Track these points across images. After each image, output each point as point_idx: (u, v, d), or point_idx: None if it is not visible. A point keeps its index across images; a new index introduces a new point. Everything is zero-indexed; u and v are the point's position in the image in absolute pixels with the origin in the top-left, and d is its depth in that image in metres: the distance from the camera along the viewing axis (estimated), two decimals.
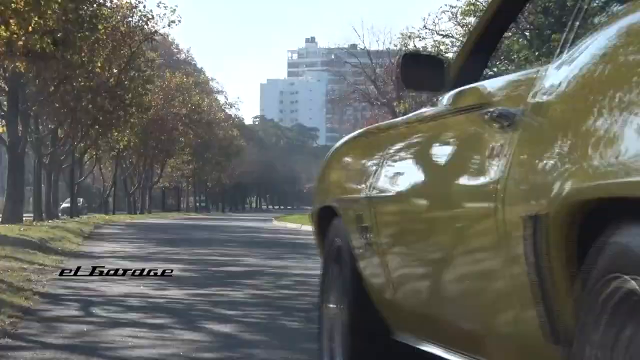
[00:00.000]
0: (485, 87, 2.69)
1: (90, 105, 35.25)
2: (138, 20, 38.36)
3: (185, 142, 64.95)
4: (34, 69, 26.74)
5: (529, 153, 2.13)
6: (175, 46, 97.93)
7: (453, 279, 2.66)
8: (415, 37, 42.95)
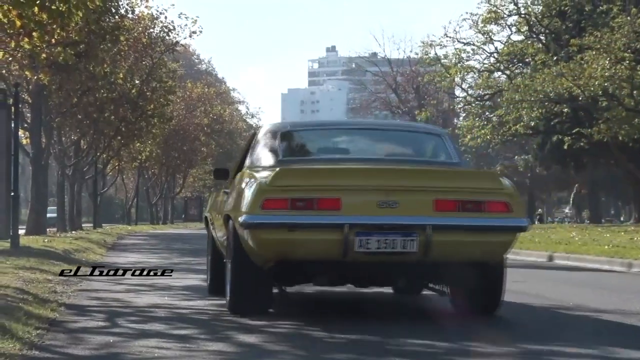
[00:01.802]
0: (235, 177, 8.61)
1: (113, 116, 35.42)
2: (160, 32, 38.54)
3: (207, 152, 65.09)
4: (57, 80, 26.92)
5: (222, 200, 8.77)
6: (196, 57, 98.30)
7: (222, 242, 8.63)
8: (436, 45, 42.85)
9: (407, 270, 7.30)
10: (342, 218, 6.86)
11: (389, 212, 6.89)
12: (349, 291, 9.61)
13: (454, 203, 7.01)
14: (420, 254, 6.93)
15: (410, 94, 76.76)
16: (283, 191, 6.96)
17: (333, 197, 6.91)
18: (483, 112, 40.97)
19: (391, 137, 8.64)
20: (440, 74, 43.74)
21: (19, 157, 17.48)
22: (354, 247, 6.86)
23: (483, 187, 7.18)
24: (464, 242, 7.03)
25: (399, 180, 7.10)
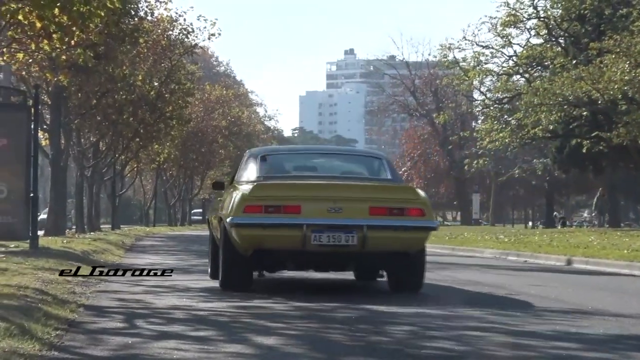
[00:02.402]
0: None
1: (132, 118, 35.54)
2: (178, 34, 38.63)
3: (225, 154, 65.20)
4: (77, 82, 27.04)
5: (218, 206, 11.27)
6: (215, 59, 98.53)
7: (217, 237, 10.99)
8: (454, 48, 42.74)
9: (350, 259, 9.92)
10: (301, 219, 9.51)
11: (336, 215, 9.55)
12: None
13: (384, 209, 9.62)
14: (359, 247, 9.52)
15: (428, 96, 76.68)
16: (259, 200, 9.62)
17: (295, 204, 9.57)
18: (501, 115, 40.84)
19: (342, 159, 11.70)
20: (458, 76, 43.64)
21: (38, 159, 17.55)
22: (310, 241, 9.47)
23: (405, 198, 9.83)
24: (391, 237, 9.68)
25: (343, 192, 9.79)
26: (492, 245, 24.49)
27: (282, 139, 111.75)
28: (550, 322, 8.07)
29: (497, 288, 11.60)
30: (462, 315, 8.48)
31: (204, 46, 46.71)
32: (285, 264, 10.41)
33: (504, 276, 14.38)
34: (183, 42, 38.85)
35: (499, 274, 14.86)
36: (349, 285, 11.69)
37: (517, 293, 10.93)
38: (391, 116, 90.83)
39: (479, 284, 12.36)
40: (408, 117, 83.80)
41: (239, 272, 10.17)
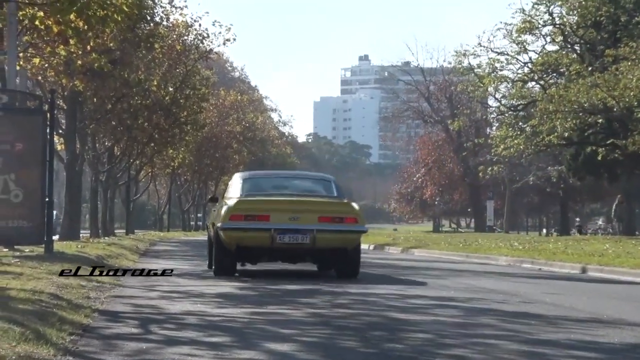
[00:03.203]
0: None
1: (146, 123, 35.67)
2: (194, 39, 38.78)
3: (239, 160, 65.32)
4: (92, 87, 27.16)
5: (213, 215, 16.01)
6: (229, 64, 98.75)
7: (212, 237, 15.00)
8: (469, 55, 42.67)
9: (305, 253, 13.89)
10: (270, 225, 13.42)
11: (295, 222, 13.44)
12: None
13: (329, 218, 13.56)
14: (311, 244, 13.47)
15: (442, 103, 76.58)
16: (240, 211, 13.58)
17: (265, 214, 13.51)
18: (516, 122, 40.76)
19: (303, 181, 15.86)
20: (473, 83, 43.58)
21: (53, 163, 17.61)
22: (277, 240, 13.38)
23: (344, 210, 13.85)
24: (334, 237, 13.59)
25: (300, 206, 13.75)
26: (507, 253, 24.42)
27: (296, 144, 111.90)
28: (565, 330, 8.03)
29: (511, 296, 11.56)
30: (476, 323, 8.46)
31: (219, 51, 46.81)
32: (260, 257, 14.43)
33: (518, 284, 14.33)
34: (198, 47, 38.98)
35: (513, 282, 14.81)
36: (364, 293, 11.68)
37: (532, 301, 10.89)
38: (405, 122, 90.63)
39: (493, 291, 12.32)
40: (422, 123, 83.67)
41: (226, 263, 14.10)
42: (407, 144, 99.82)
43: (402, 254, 29.44)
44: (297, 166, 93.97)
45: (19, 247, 16.82)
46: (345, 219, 13.65)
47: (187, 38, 38.51)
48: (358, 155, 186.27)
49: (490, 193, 67.91)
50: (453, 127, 57.51)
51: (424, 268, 18.74)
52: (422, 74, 78.77)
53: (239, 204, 13.75)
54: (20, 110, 16.52)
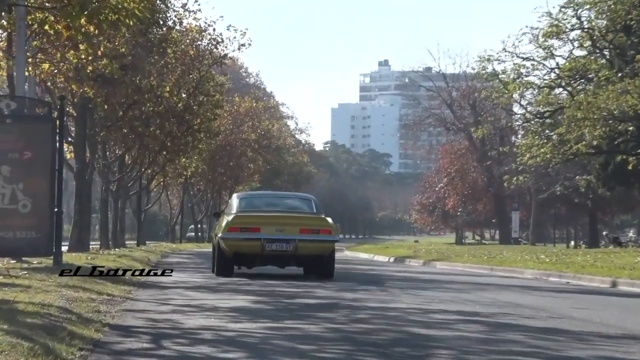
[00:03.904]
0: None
1: (159, 130, 35.78)
2: (207, 44, 38.86)
3: (254, 169, 65.40)
4: (103, 93, 27.27)
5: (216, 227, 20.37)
6: (244, 70, 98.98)
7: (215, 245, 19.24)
8: (494, 60, 42.58)
9: (289, 258, 17.47)
10: (260, 235, 17.08)
11: (280, 233, 17.07)
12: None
13: (308, 230, 17.13)
14: (293, 251, 17.07)
15: (466, 110, 76.49)
16: (237, 224, 17.27)
17: (257, 227, 17.20)
18: (543, 130, 40.63)
19: (289, 200, 20.11)
20: (498, 89, 43.50)
21: (63, 172, 17.68)
22: (266, 248, 17.02)
23: (320, 223, 17.40)
24: (312, 246, 17.17)
25: (285, 220, 17.47)
26: (533, 266, 24.34)
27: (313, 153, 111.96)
28: (594, 347, 7.98)
29: (538, 311, 11.51)
30: (502, 339, 8.42)
31: (234, 57, 46.97)
32: (253, 262, 18.17)
33: (546, 298, 14.27)
34: (212, 52, 39.07)
35: (540, 296, 14.74)
36: (385, 308, 11.65)
37: (560, 316, 10.83)
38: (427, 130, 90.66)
39: (519, 306, 12.27)
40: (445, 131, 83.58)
41: (226, 266, 17.88)
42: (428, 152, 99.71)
43: (424, 266, 29.38)
44: (314, 176, 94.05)
45: (27, 258, 16.89)
46: (321, 231, 17.52)
47: (200, 43, 38.62)
48: (377, 164, 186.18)
49: (515, 204, 67.72)
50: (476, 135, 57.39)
51: (446, 282, 18.69)
52: (445, 80, 78.71)
53: (235, 219, 17.67)
54: (29, 117, 16.61)
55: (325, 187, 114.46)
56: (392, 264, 31.51)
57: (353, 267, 27.22)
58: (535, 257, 28.92)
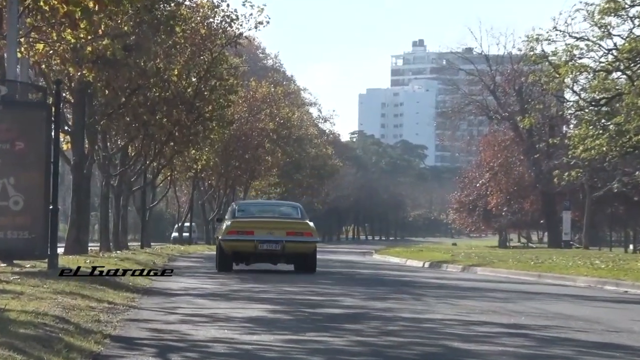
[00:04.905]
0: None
1: (165, 119, 35.87)
2: (220, 22, 38.95)
3: (272, 162, 65.49)
4: (103, 77, 27.38)
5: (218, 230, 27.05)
6: (261, 51, 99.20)
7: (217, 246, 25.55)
8: (543, 40, 42.39)
9: (278, 257, 23.15)
10: (254, 237, 22.79)
11: (271, 235, 22.81)
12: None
13: (293, 232, 22.94)
14: (281, 251, 22.80)
15: (511, 96, 76.23)
16: (235, 228, 23.11)
17: (251, 230, 22.96)
18: (598, 119, 40.44)
19: (279, 207, 26.59)
20: (547, 73, 43.31)
21: (58, 165, 17.78)
22: (258, 248, 22.70)
23: (303, 227, 23.20)
24: (296, 246, 22.91)
25: (274, 224, 23.26)
26: (586, 272, 24.28)
27: (338, 144, 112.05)
28: None
29: (592, 323, 11.48)
30: (551, 354, 8.41)
31: (250, 36, 47.02)
32: (248, 259, 23.62)
33: (601, 309, 14.23)
34: (226, 31, 39.16)
35: (595, 307, 14.70)
36: (419, 319, 11.65)
37: (617, 329, 10.80)
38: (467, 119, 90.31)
39: (571, 318, 12.25)
40: (487, 120, 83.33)
41: (225, 263, 23.30)
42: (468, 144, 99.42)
43: (463, 273, 29.36)
44: (339, 170, 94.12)
45: (19, 261, 17.00)
46: (304, 233, 23.14)
47: (213, 20, 38.73)
48: (411, 156, 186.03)
49: (566, 202, 67.43)
50: (523, 124, 57.14)
51: (488, 290, 18.67)
52: (487, 63, 78.48)
53: (233, 224, 23.29)
54: (21, 104, 16.71)
55: (351, 182, 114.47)
56: (427, 270, 31.51)
57: (383, 272, 27.24)
58: (589, 263, 28.82)
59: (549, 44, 42.73)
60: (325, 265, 32.08)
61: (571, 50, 40.73)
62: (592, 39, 40.64)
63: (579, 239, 75.78)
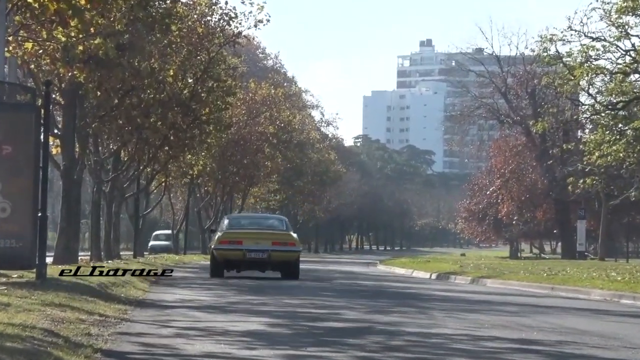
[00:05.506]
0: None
1: (160, 122, 35.88)
2: (218, 20, 38.98)
3: (272, 168, 65.52)
4: (95, 78, 27.42)
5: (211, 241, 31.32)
6: (261, 50, 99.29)
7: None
8: (557, 40, 42.45)
9: (265, 264, 26.99)
10: (242, 247, 26.58)
11: (258, 245, 26.63)
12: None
13: (279, 242, 26.87)
14: (267, 259, 26.66)
15: (523, 99, 76.26)
16: (226, 238, 26.99)
17: (240, 240, 26.80)
18: (615, 123, 40.48)
19: (267, 220, 31.15)
20: (562, 75, 43.36)
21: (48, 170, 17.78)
22: (247, 256, 26.49)
23: (287, 238, 27.30)
24: (281, 255, 26.84)
25: (261, 235, 27.20)
26: (602, 285, 24.27)
27: (342, 149, 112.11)
28: None
29: (608, 339, 11.48)
30: None
31: (249, 35, 47.03)
32: (238, 266, 27.03)
33: (617, 324, 14.22)
34: (224, 29, 39.19)
35: (611, 322, 14.70)
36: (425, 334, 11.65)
37: (634, 346, 10.81)
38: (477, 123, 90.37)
39: (586, 333, 12.25)
40: (498, 124, 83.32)
41: (217, 270, 26.81)
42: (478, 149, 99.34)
43: (472, 285, 29.36)
44: (342, 176, 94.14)
45: (6, 271, 16.99)
46: (288, 243, 26.83)
47: (210, 19, 38.76)
48: (418, 162, 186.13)
49: (581, 211, 67.43)
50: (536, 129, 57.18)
51: (498, 303, 18.67)
52: (498, 64, 78.51)
53: (224, 235, 26.93)
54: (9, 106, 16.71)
55: (355, 189, 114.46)
56: (434, 282, 31.52)
57: (387, 284, 27.25)
58: (604, 275, 28.82)
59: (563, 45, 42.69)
60: (328, 276, 32.08)
61: (587, 51, 40.77)
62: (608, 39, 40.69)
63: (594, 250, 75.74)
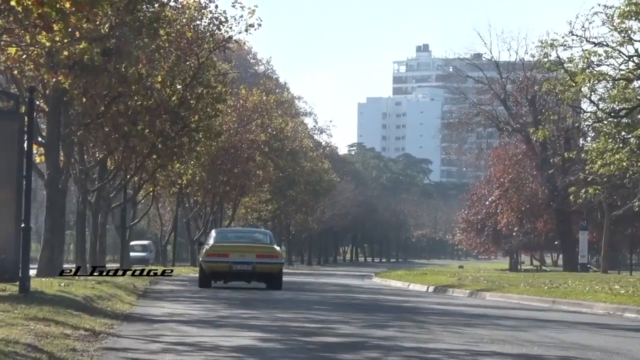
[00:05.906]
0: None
1: (148, 129, 35.86)
2: (208, 24, 38.97)
3: (264, 177, 65.49)
4: (81, 84, 27.42)
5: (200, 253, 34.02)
6: (252, 56, 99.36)
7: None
8: (558, 46, 42.50)
9: (249, 276, 29.40)
10: (229, 259, 29.02)
11: (243, 257, 29.03)
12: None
13: (263, 255, 29.32)
14: (252, 271, 29.02)
15: (523, 106, 76.30)
16: (213, 251, 29.38)
17: (227, 253, 29.17)
18: (618, 131, 40.53)
19: (252, 234, 34.44)
20: (563, 82, 43.42)
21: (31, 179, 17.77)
22: (233, 268, 28.99)
23: (271, 251, 29.78)
24: (265, 267, 29.26)
25: (246, 249, 29.54)
26: (605, 298, 24.29)
27: (336, 157, 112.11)
28: None
29: (611, 354, 11.48)
30: None
31: (240, 40, 47.07)
32: (225, 278, 29.56)
33: (621, 339, 14.23)
34: (214, 34, 39.19)
35: (614, 336, 14.72)
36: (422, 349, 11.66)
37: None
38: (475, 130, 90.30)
39: (589, 348, 12.26)
40: (497, 132, 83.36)
41: (205, 280, 29.31)
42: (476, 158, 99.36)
43: (470, 298, 29.37)
44: (336, 185, 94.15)
45: None
46: (272, 256, 29.09)
47: (200, 23, 38.75)
48: (414, 171, 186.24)
49: (583, 222, 67.49)
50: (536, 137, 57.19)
51: (498, 317, 18.68)
52: (497, 70, 78.57)
53: (212, 248, 29.09)
54: None
55: (350, 199, 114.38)
56: (431, 295, 31.52)
57: (383, 297, 27.24)
58: (607, 288, 28.85)
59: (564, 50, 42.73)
60: (321, 289, 32.10)
61: (589, 56, 40.83)
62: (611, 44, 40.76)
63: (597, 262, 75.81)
